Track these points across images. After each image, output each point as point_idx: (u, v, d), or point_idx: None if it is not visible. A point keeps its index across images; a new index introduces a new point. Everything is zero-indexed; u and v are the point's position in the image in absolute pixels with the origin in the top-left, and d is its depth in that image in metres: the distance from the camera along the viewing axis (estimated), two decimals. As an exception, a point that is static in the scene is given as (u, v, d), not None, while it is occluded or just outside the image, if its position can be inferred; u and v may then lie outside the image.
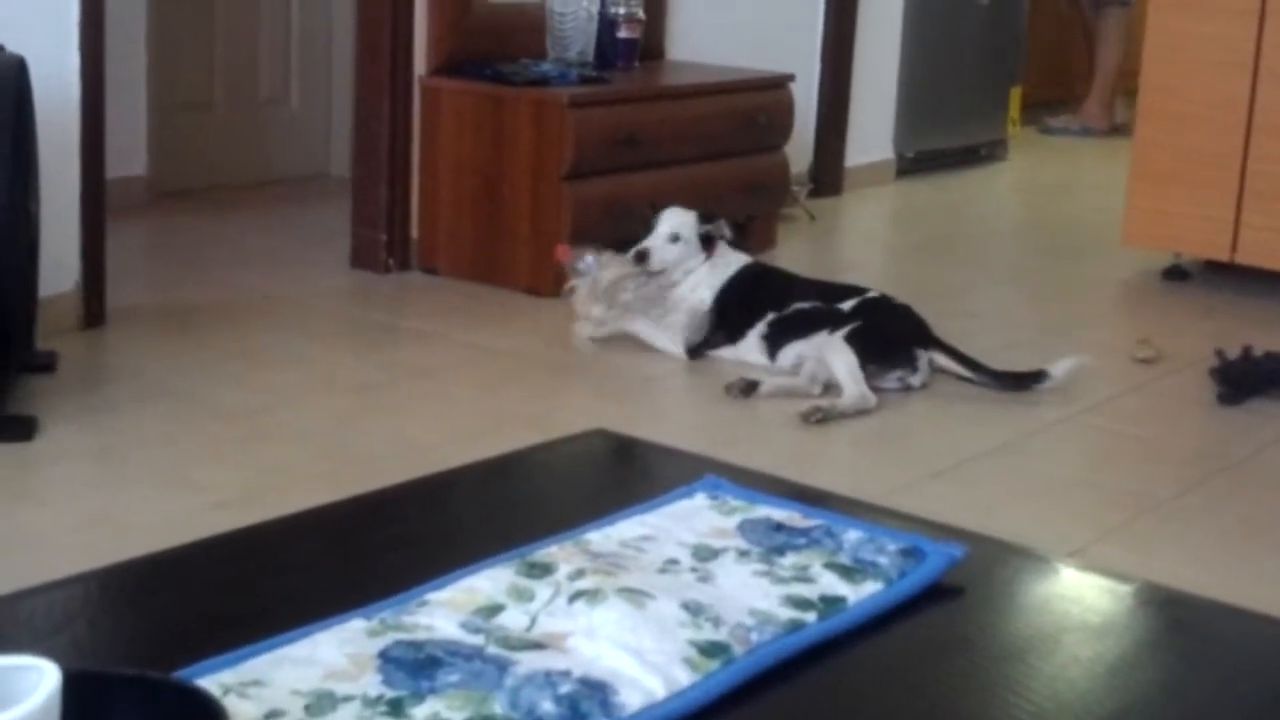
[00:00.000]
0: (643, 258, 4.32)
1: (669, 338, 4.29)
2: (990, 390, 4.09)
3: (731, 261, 4.42)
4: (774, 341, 4.23)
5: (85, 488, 3.33)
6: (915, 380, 4.10)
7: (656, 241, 4.34)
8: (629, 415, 3.79)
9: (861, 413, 3.90)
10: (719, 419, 3.86)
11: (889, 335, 4.13)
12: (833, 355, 4.02)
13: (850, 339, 4.04)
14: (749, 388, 3.96)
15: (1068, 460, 3.77)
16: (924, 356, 4.13)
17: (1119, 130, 8.59)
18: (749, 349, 4.27)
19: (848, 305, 4.22)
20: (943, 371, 4.14)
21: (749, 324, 4.28)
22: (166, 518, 3.07)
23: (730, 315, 4.32)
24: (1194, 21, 5.21)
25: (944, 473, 3.57)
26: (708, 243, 4.39)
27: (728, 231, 4.44)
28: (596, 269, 4.29)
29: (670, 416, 3.94)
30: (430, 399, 3.92)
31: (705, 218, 4.41)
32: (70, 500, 3.26)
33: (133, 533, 2.93)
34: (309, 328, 4.44)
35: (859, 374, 3.97)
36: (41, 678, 0.93)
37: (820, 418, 3.83)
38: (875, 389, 3.99)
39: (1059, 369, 4.10)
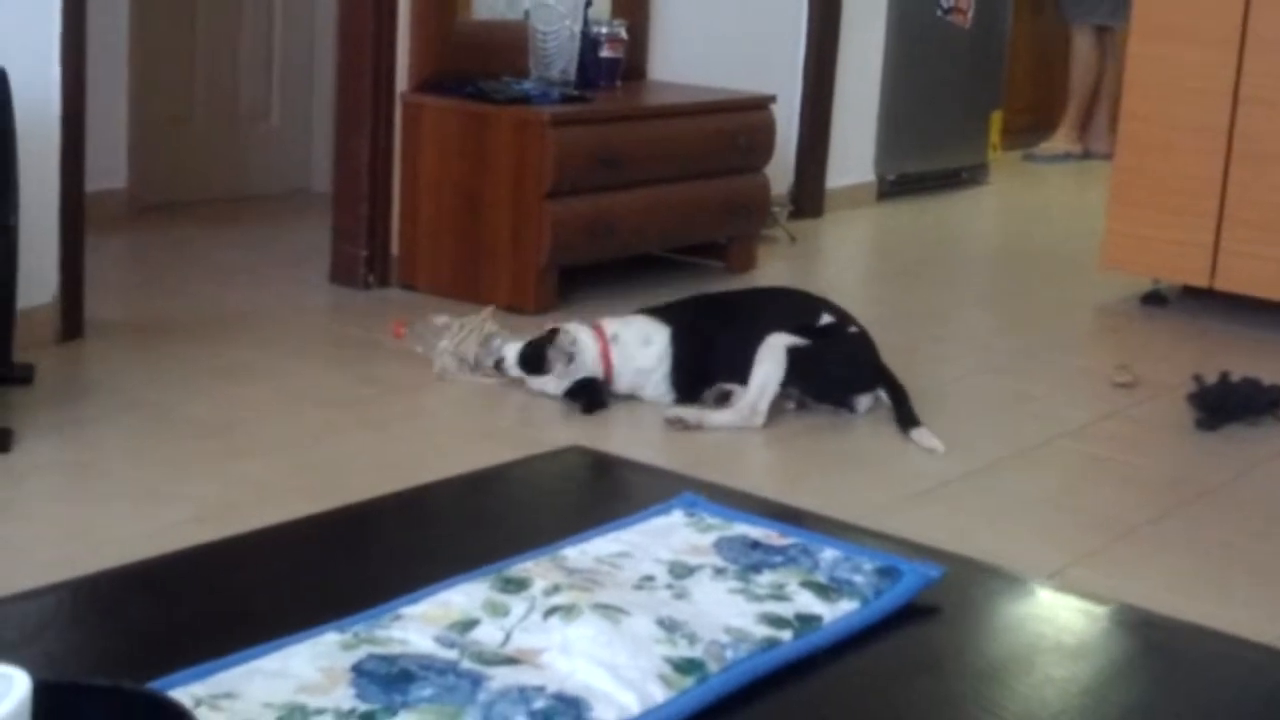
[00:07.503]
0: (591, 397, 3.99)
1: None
2: (964, 411, 4.09)
3: (633, 321, 4.10)
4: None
5: (62, 501, 3.32)
6: (852, 412, 4.02)
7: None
8: (610, 434, 3.79)
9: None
10: (698, 439, 3.85)
11: (831, 377, 4.02)
12: (764, 362, 3.91)
13: (794, 357, 3.92)
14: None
15: (1046, 484, 3.77)
16: (864, 399, 4.02)
17: (1090, 155, 8.61)
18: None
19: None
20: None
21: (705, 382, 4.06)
22: (143, 531, 3.06)
23: (688, 372, 4.07)
24: (1174, 48, 5.23)
25: (922, 495, 3.57)
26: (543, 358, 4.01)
27: (558, 349, 3.99)
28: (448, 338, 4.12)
29: (650, 435, 3.93)
30: (409, 415, 3.91)
31: (526, 358, 4.03)
32: (46, 513, 3.25)
33: (109, 546, 2.91)
34: (287, 343, 4.43)
35: (771, 391, 3.89)
36: (11, 686, 0.92)
37: (682, 428, 3.86)
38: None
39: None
